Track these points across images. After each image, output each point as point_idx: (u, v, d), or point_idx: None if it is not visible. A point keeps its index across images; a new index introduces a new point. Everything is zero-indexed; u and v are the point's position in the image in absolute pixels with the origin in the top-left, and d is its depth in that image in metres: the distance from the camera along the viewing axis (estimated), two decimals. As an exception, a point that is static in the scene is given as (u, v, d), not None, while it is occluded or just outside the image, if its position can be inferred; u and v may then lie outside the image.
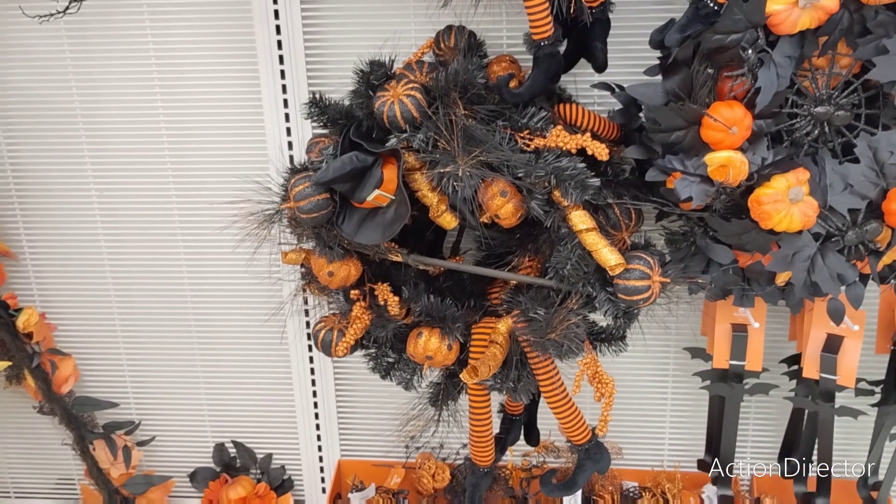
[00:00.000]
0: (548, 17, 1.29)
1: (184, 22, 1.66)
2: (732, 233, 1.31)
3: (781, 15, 1.17)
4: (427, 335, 1.43)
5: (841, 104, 1.27)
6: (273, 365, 1.95)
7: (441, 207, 1.38)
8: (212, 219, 1.80)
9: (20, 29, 1.68)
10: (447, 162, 1.28)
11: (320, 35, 1.64)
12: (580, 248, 1.33)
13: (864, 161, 1.27)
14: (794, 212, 1.24)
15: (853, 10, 1.20)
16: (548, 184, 1.30)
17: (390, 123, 1.32)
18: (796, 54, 1.22)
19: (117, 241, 1.87)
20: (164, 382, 2.01)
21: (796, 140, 1.29)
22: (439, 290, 1.53)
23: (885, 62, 1.19)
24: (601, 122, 1.42)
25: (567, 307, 1.35)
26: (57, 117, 1.76)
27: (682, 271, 1.37)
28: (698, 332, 1.76)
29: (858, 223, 1.30)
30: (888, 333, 1.61)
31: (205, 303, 1.91)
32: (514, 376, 1.47)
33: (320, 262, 1.41)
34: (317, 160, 1.38)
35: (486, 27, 1.52)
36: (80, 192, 1.82)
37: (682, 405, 1.90)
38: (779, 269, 1.32)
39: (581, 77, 1.53)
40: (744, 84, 1.23)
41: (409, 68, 1.38)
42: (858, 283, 1.35)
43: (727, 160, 1.23)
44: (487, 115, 1.33)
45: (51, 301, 1.94)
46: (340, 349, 1.45)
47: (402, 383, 1.53)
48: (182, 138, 1.75)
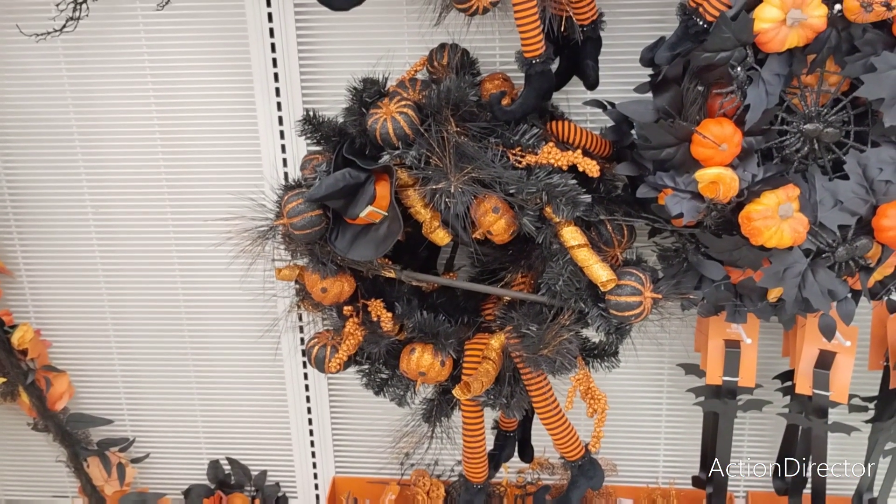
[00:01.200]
0: (539, 36, 1.30)
1: (179, 40, 1.67)
2: (724, 249, 1.32)
3: (769, 33, 1.18)
4: (420, 351, 1.43)
5: (830, 121, 1.28)
6: (267, 381, 1.95)
7: (434, 224, 1.39)
8: (207, 235, 1.81)
9: (17, 47, 1.69)
10: (439, 179, 1.29)
11: (315, 53, 1.65)
12: (572, 264, 1.33)
13: (853, 178, 1.28)
14: (784, 228, 1.25)
15: (841, 28, 1.22)
16: (539, 200, 1.30)
17: (383, 140, 1.32)
18: (785, 72, 1.23)
19: (112, 258, 1.87)
20: (158, 399, 2.01)
21: (786, 157, 1.30)
22: (432, 306, 1.53)
23: (873, 80, 1.20)
24: (593, 139, 1.43)
25: (559, 323, 1.35)
26: (53, 135, 1.77)
27: (675, 287, 1.37)
28: (691, 348, 1.76)
29: (848, 239, 1.30)
30: (880, 349, 1.62)
31: (199, 319, 1.91)
32: (507, 392, 1.47)
33: (314, 279, 1.41)
34: (310, 177, 1.38)
35: (479, 45, 1.53)
36: (76, 209, 1.83)
37: (677, 421, 1.90)
38: (770, 285, 1.33)
39: (573, 94, 1.54)
40: (733, 101, 1.24)
41: (402, 86, 1.40)
42: (849, 299, 1.35)
43: (717, 177, 1.24)
44: (479, 132, 1.34)
45: (46, 318, 1.94)
46: (333, 365, 1.46)
47: (396, 399, 1.54)
48: (177, 155, 1.76)
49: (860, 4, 1.15)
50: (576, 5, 1.36)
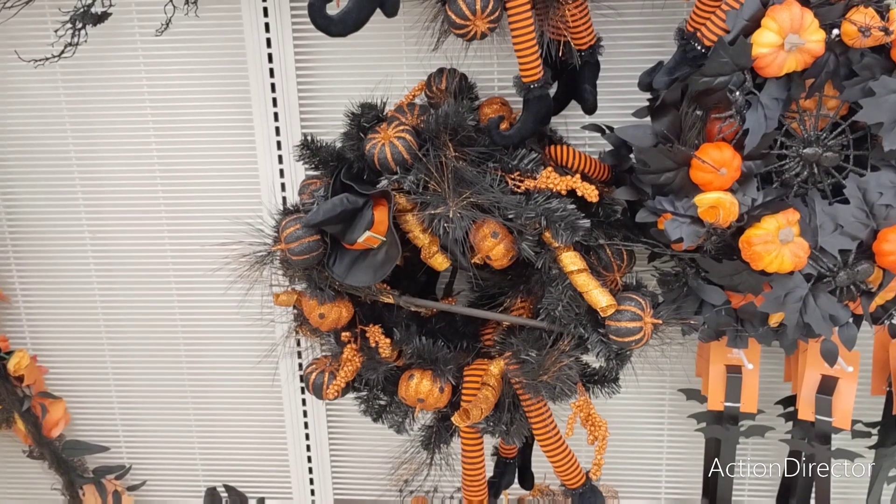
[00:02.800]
0: (537, 60, 1.30)
1: (178, 65, 1.67)
2: (724, 274, 1.31)
3: (767, 58, 1.18)
4: (419, 377, 1.42)
5: (829, 145, 1.28)
6: (265, 407, 1.94)
7: (432, 248, 1.38)
8: (204, 260, 1.80)
9: (16, 73, 1.69)
10: (438, 203, 1.29)
11: (313, 77, 1.65)
12: (571, 290, 1.32)
13: (853, 202, 1.28)
14: (784, 252, 1.24)
15: (839, 52, 1.22)
16: (538, 225, 1.30)
17: (381, 165, 1.32)
18: (783, 96, 1.23)
19: (110, 284, 1.86)
20: (155, 426, 1.99)
21: (786, 181, 1.30)
22: (431, 331, 1.52)
23: (872, 104, 1.20)
24: (592, 163, 1.42)
25: (559, 349, 1.34)
26: (51, 160, 1.77)
27: (675, 312, 1.36)
28: (692, 373, 1.75)
29: (850, 264, 1.30)
30: (883, 374, 1.60)
31: (197, 345, 1.90)
32: (506, 419, 1.46)
33: (311, 304, 1.40)
34: (308, 202, 1.38)
35: (478, 70, 1.53)
36: (73, 235, 1.82)
37: (679, 447, 1.88)
38: (771, 309, 1.32)
39: (571, 119, 1.54)
40: (732, 126, 1.24)
41: (400, 111, 1.39)
42: (851, 324, 1.34)
43: (717, 201, 1.23)
44: (478, 156, 1.33)
45: (42, 344, 1.93)
46: (331, 392, 1.44)
47: (394, 426, 1.52)
48: (176, 180, 1.76)
49: (858, 29, 1.16)
50: (574, 30, 1.36)
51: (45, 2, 1.61)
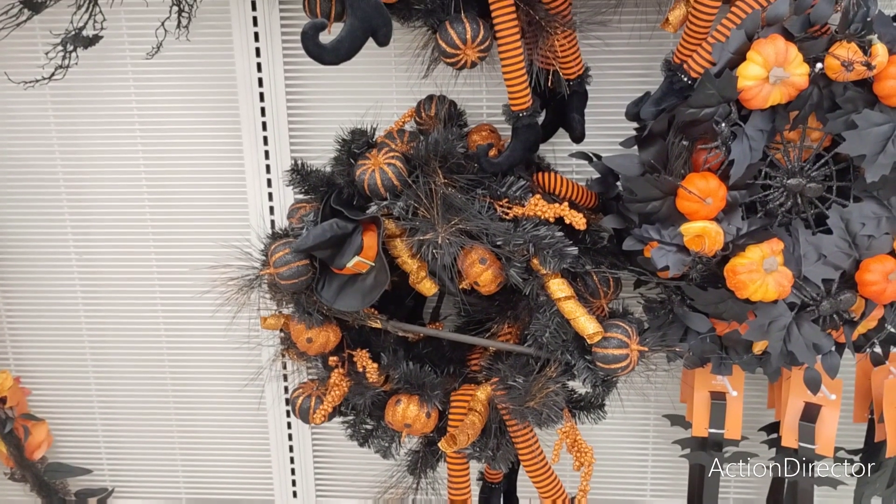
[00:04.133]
0: (526, 89, 1.32)
1: (168, 88, 1.68)
2: (709, 302, 1.33)
3: (753, 90, 1.20)
4: (406, 403, 1.42)
5: (813, 176, 1.30)
6: (250, 431, 1.93)
7: (421, 274, 1.39)
8: (192, 283, 1.80)
9: (5, 94, 1.70)
10: (427, 229, 1.30)
11: (303, 102, 1.66)
12: (559, 316, 1.33)
13: (836, 232, 1.29)
14: (769, 281, 1.26)
15: (822, 86, 1.24)
16: (526, 252, 1.31)
17: (371, 191, 1.33)
18: (768, 128, 1.25)
19: (95, 306, 1.85)
20: (138, 449, 1.98)
21: (770, 210, 1.32)
22: (418, 356, 1.52)
23: (855, 137, 1.23)
24: (579, 190, 1.44)
25: (546, 375, 1.35)
26: (39, 181, 1.76)
27: (660, 339, 1.37)
28: (677, 399, 1.76)
29: (832, 293, 1.32)
30: (865, 402, 1.62)
31: (182, 368, 1.89)
32: (493, 444, 1.46)
33: (299, 329, 1.40)
34: (297, 226, 1.38)
35: (467, 97, 1.55)
36: (59, 257, 1.82)
37: (663, 473, 1.89)
38: (755, 337, 1.33)
39: (559, 146, 1.56)
40: (718, 156, 1.26)
41: (390, 137, 1.41)
42: (834, 353, 1.36)
43: (702, 230, 1.25)
44: (467, 183, 1.34)
45: (26, 365, 1.92)
46: (318, 417, 1.44)
47: (381, 451, 1.52)
48: (164, 203, 1.76)
49: (841, 63, 1.18)
50: (562, 60, 1.38)
51: (37, 24, 1.61)
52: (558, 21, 1.33)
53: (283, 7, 1.59)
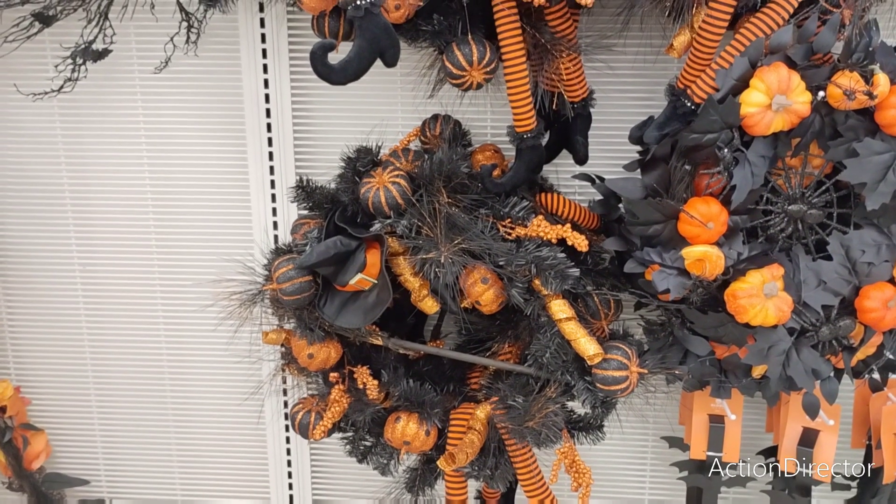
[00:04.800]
0: (531, 111, 1.33)
1: (175, 103, 1.69)
2: (709, 325, 1.33)
3: (755, 117, 1.21)
4: (405, 420, 1.43)
5: (813, 203, 1.31)
6: (249, 445, 1.93)
7: (423, 292, 1.40)
8: (194, 297, 1.81)
9: (13, 105, 1.71)
10: (430, 248, 1.30)
11: (309, 119, 1.67)
12: (559, 337, 1.34)
13: (836, 258, 1.30)
14: (769, 306, 1.27)
15: (824, 113, 1.25)
16: (528, 272, 1.32)
17: (375, 209, 1.34)
18: (770, 154, 1.26)
19: (98, 317, 1.86)
20: (136, 460, 1.98)
21: (771, 236, 1.33)
22: (419, 373, 1.53)
23: (856, 164, 1.24)
24: (581, 211, 1.45)
25: (545, 395, 1.35)
26: (44, 193, 1.77)
27: (660, 362, 1.38)
28: (676, 421, 1.76)
29: (832, 319, 1.32)
30: (863, 428, 1.62)
31: (182, 381, 1.90)
32: (491, 463, 1.46)
33: (300, 344, 1.41)
34: (301, 242, 1.39)
35: (471, 117, 1.56)
36: (63, 267, 1.82)
37: (661, 495, 1.89)
38: (754, 362, 1.34)
39: (562, 167, 1.57)
40: (720, 181, 1.26)
41: (395, 155, 1.42)
42: (833, 379, 1.37)
43: (704, 254, 1.26)
44: (470, 203, 1.35)
45: (27, 374, 1.92)
46: (318, 432, 1.45)
47: (379, 468, 1.52)
48: (168, 216, 1.77)
49: (843, 92, 1.19)
50: (567, 83, 1.39)
51: (47, 37, 1.62)
52: (564, 44, 1.34)
53: (291, 24, 1.60)
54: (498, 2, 1.26)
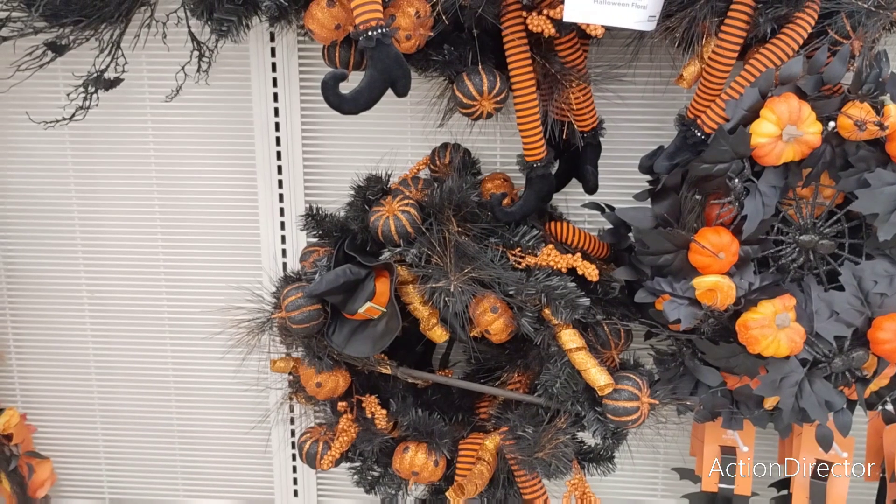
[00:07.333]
0: (541, 140, 1.33)
1: (186, 131, 1.70)
2: (720, 356, 1.32)
3: (766, 148, 1.21)
4: (414, 450, 1.41)
5: (825, 233, 1.31)
6: (255, 474, 1.92)
7: (432, 321, 1.39)
8: (202, 324, 1.80)
9: (24, 132, 1.72)
10: (439, 277, 1.30)
11: (319, 147, 1.68)
12: (569, 367, 1.33)
13: (848, 289, 1.30)
14: (781, 337, 1.26)
15: (835, 144, 1.25)
16: (538, 302, 1.31)
17: (384, 238, 1.34)
18: (781, 184, 1.26)
19: (105, 345, 1.86)
20: (142, 489, 1.96)
21: (782, 266, 1.32)
22: (427, 403, 1.52)
23: (867, 195, 1.23)
24: (591, 240, 1.45)
25: (556, 426, 1.34)
26: (54, 220, 1.78)
27: (671, 392, 1.37)
28: (687, 452, 1.74)
29: (845, 350, 1.31)
30: (877, 460, 1.60)
31: (190, 409, 1.89)
32: (500, 495, 1.45)
33: (309, 373, 1.40)
34: (310, 270, 1.39)
35: (481, 146, 1.56)
36: (71, 295, 1.82)
37: (671, 527, 1.87)
38: (766, 393, 1.33)
39: (572, 196, 1.57)
40: (731, 211, 1.26)
41: (404, 184, 1.42)
42: (846, 410, 1.35)
43: (715, 285, 1.25)
44: (480, 232, 1.35)
45: (33, 402, 1.91)
46: (326, 462, 1.43)
47: (387, 499, 1.51)
48: (177, 244, 1.77)
49: (854, 123, 1.19)
50: (577, 112, 1.39)
51: (59, 66, 1.64)
52: (574, 74, 1.34)
53: (302, 54, 1.61)
54: (508, 32, 1.27)
